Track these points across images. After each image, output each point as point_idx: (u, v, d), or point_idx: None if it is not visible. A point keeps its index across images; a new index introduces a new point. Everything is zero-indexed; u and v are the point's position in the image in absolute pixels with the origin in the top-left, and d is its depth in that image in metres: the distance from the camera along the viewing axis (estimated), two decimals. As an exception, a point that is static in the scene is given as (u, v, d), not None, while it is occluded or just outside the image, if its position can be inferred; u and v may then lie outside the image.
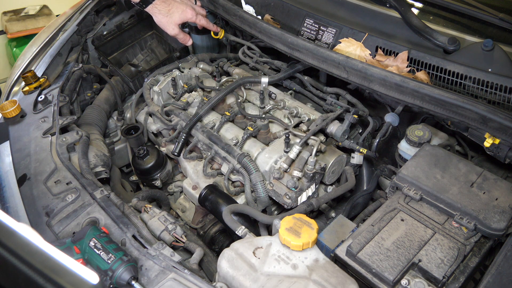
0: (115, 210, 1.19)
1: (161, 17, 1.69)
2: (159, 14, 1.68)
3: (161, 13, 1.67)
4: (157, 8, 1.67)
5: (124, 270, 0.96)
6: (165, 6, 1.67)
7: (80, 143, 1.43)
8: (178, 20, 1.69)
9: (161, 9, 1.67)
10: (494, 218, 1.07)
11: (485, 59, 1.31)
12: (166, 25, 1.71)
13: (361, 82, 1.40)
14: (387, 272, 1.01)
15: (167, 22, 1.70)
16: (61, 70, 1.77)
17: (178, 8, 1.69)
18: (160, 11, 1.67)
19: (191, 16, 1.70)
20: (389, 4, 1.50)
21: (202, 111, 1.56)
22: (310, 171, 1.34)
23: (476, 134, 1.26)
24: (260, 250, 1.03)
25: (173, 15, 1.68)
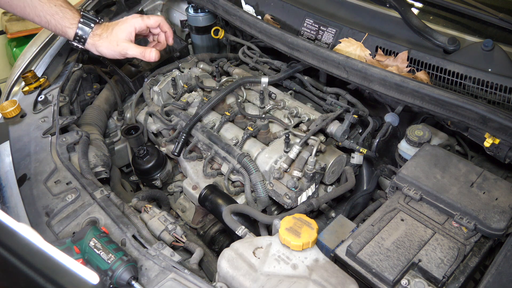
0: (115, 210, 1.19)
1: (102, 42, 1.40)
2: (100, 40, 1.41)
3: (101, 38, 1.41)
4: (97, 35, 1.41)
5: (124, 270, 0.96)
6: (105, 29, 1.42)
7: (80, 143, 1.43)
8: (122, 34, 1.42)
9: (101, 33, 1.41)
10: (494, 218, 1.07)
11: (485, 59, 1.31)
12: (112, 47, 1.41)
13: (361, 82, 1.40)
14: (387, 272, 1.01)
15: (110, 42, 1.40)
16: (61, 70, 1.77)
17: (118, 23, 1.44)
18: (101, 36, 1.41)
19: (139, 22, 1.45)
20: (389, 4, 1.49)
21: (202, 111, 1.56)
22: (310, 171, 1.34)
23: (476, 134, 1.26)
24: (260, 250, 1.03)
25: (113, 32, 1.42)
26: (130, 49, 1.43)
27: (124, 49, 1.42)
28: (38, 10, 1.33)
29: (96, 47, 1.42)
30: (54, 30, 1.39)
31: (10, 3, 1.34)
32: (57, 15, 1.35)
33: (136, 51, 1.44)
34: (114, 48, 1.42)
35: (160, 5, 2.24)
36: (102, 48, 1.42)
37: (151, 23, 1.49)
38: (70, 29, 1.38)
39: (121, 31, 1.42)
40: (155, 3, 2.22)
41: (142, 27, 1.47)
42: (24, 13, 1.35)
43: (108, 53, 1.44)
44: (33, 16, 1.34)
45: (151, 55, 1.46)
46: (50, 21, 1.35)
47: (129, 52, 1.43)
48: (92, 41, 1.41)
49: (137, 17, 1.46)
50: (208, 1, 1.80)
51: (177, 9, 2.24)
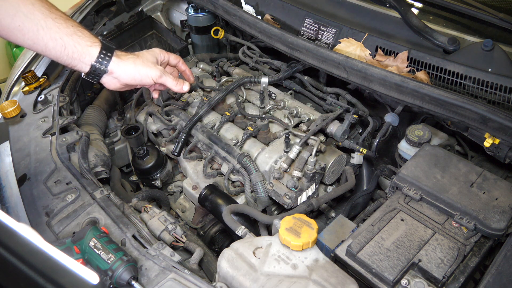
0: (115, 210, 1.19)
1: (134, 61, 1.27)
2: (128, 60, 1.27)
3: (129, 58, 1.27)
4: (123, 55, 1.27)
5: (124, 270, 0.96)
6: (127, 53, 1.30)
7: (80, 143, 1.43)
8: (152, 58, 1.32)
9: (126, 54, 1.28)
10: (494, 218, 1.07)
11: (485, 59, 1.31)
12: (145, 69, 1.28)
13: (361, 82, 1.40)
14: (387, 272, 1.01)
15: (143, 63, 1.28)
16: (61, 70, 1.77)
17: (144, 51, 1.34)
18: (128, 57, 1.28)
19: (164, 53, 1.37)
20: (389, 4, 1.49)
21: (202, 111, 1.56)
22: (310, 171, 1.34)
23: (476, 134, 1.26)
24: (260, 250, 1.03)
25: (143, 56, 1.31)
26: (166, 74, 1.33)
27: (161, 71, 1.31)
28: (54, 32, 1.17)
29: (123, 66, 1.25)
30: (72, 54, 1.20)
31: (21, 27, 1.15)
32: (76, 34, 1.20)
33: (170, 78, 1.34)
34: (149, 69, 1.29)
35: (160, 5, 2.24)
36: (132, 67, 1.27)
37: (171, 59, 1.42)
38: (92, 47, 1.22)
39: (151, 56, 1.33)
40: (155, 3, 2.23)
41: (164, 60, 1.39)
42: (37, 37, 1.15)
43: (137, 73, 1.28)
44: (48, 40, 1.17)
45: (184, 86, 1.39)
46: (68, 42, 1.19)
47: (164, 76, 1.32)
48: (118, 60, 1.25)
49: (161, 49, 1.39)
50: (208, 1, 1.80)
51: (177, 9, 2.24)
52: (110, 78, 1.28)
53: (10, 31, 1.17)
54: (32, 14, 1.16)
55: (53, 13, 1.19)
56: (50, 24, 1.17)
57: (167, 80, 1.34)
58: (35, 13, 1.16)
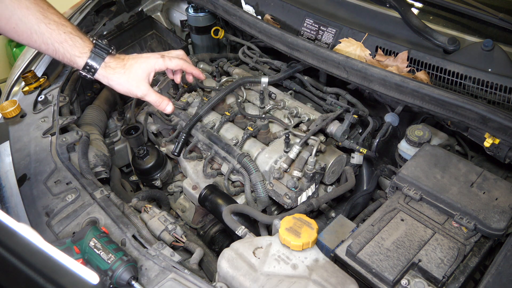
0: (115, 210, 1.19)
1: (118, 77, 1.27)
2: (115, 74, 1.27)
3: (116, 72, 1.27)
4: (110, 67, 1.26)
5: (124, 270, 0.96)
6: (119, 62, 1.28)
7: (80, 143, 1.43)
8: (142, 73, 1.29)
9: (115, 67, 1.27)
10: (494, 218, 1.07)
11: (485, 59, 1.31)
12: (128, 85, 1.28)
13: (361, 82, 1.40)
14: (387, 272, 1.01)
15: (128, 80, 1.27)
16: (61, 70, 1.77)
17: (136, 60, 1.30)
18: (115, 70, 1.27)
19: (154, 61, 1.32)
20: (389, 4, 1.49)
21: (202, 111, 1.56)
22: (310, 171, 1.34)
23: (476, 134, 1.26)
24: (260, 250, 1.03)
25: (132, 69, 1.28)
26: (149, 95, 1.32)
27: (144, 93, 1.30)
28: (46, 38, 1.21)
29: (108, 80, 1.28)
30: (62, 59, 1.25)
31: (16, 29, 1.20)
32: (66, 43, 1.23)
33: (154, 98, 1.33)
34: (131, 88, 1.29)
35: (160, 5, 2.24)
36: (115, 84, 1.29)
37: (172, 66, 1.38)
38: (80, 58, 1.24)
39: (142, 71, 1.30)
40: (155, 3, 2.23)
41: (162, 69, 1.36)
42: (31, 40, 1.22)
43: (121, 89, 1.30)
44: (40, 44, 1.22)
45: (167, 108, 1.37)
46: (58, 49, 1.23)
47: (147, 97, 1.32)
48: (104, 73, 1.27)
49: (159, 58, 1.34)
50: (208, 1, 1.80)
51: (177, 9, 2.24)
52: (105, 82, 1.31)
53: (6, 31, 1.22)
54: (26, 18, 1.19)
55: (47, 17, 1.21)
56: (42, 29, 1.21)
57: (151, 100, 1.33)
58: (29, 18, 1.19)
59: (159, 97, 1.34)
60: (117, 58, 1.29)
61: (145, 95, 1.31)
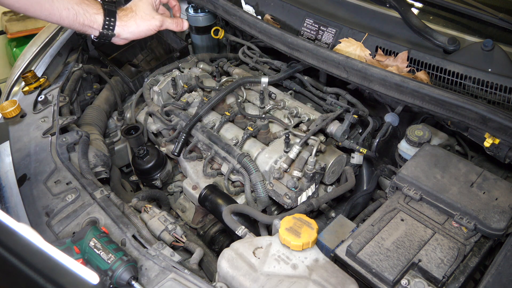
0: (115, 210, 1.19)
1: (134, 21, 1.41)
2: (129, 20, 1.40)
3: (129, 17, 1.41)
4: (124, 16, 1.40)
5: (124, 270, 0.96)
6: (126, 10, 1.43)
7: (80, 143, 1.43)
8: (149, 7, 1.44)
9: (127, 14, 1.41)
10: (494, 218, 1.07)
11: (485, 59, 1.31)
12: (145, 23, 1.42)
13: (361, 82, 1.40)
14: (387, 272, 1.01)
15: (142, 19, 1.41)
16: (61, 70, 1.77)
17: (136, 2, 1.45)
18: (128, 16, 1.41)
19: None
20: (389, 4, 1.50)
21: (202, 111, 1.56)
22: (310, 171, 1.34)
23: (476, 134, 1.26)
24: (260, 250, 1.03)
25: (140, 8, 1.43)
26: (166, 20, 1.47)
27: (161, 21, 1.44)
28: (66, 2, 1.30)
29: (127, 28, 1.40)
30: (83, 21, 1.35)
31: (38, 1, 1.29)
32: (83, 3, 1.34)
33: (170, 22, 1.49)
34: (149, 23, 1.42)
35: (160, 5, 2.24)
36: (134, 27, 1.41)
37: None
38: (98, 15, 1.36)
39: (146, 5, 1.43)
40: (155, 3, 2.22)
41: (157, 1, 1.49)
42: (52, 8, 1.30)
43: (141, 30, 1.42)
44: (62, 10, 1.30)
45: (184, 24, 1.55)
46: (79, 11, 1.32)
47: (165, 23, 1.46)
48: (122, 23, 1.38)
49: None
50: (208, 1, 1.80)
51: (177, 9, 2.24)
52: (118, 39, 1.44)
53: (29, 3, 1.29)
54: None
55: None
56: None
57: (168, 25, 1.50)
58: None
59: (174, 20, 1.52)
60: (122, 9, 1.43)
61: (163, 22, 1.47)
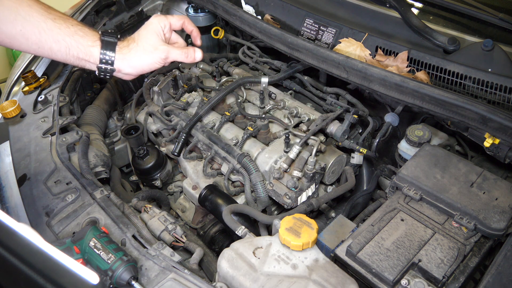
0: (115, 210, 1.19)
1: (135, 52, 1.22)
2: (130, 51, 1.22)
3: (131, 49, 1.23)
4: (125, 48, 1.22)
5: (124, 270, 0.96)
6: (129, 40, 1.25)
7: (80, 143, 1.43)
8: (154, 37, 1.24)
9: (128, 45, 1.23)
10: (494, 218, 1.07)
11: (485, 59, 1.31)
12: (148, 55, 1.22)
13: (361, 82, 1.40)
14: (387, 272, 1.01)
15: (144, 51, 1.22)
16: (61, 70, 1.77)
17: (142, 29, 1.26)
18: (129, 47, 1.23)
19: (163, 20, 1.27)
20: (389, 4, 1.49)
21: (202, 111, 1.56)
22: (310, 171, 1.34)
23: (476, 134, 1.26)
24: (260, 250, 1.03)
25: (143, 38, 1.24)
26: (171, 51, 1.24)
27: (165, 52, 1.23)
28: (55, 33, 1.14)
29: (128, 61, 1.21)
30: (77, 54, 1.18)
31: (23, 32, 1.11)
32: (77, 34, 1.16)
33: (178, 53, 1.25)
34: (152, 55, 1.21)
35: (160, 5, 2.24)
36: (136, 60, 1.21)
37: (174, 21, 1.30)
38: (94, 47, 1.18)
39: (150, 34, 1.24)
40: (155, 3, 2.22)
41: (166, 26, 1.27)
42: (40, 41, 1.14)
43: (143, 64, 1.23)
44: (51, 43, 1.14)
45: (196, 55, 1.29)
46: (71, 43, 1.15)
47: (170, 55, 1.24)
48: (121, 56, 1.20)
49: (159, 16, 1.28)
50: (208, 1, 1.80)
51: (177, 9, 2.24)
52: (121, 75, 1.26)
53: (13, 37, 1.13)
54: (31, 16, 1.12)
55: (51, 13, 1.16)
56: (50, 26, 1.14)
57: (176, 57, 1.26)
58: (34, 15, 1.13)
59: (183, 50, 1.27)
60: (124, 40, 1.24)
61: (169, 53, 1.24)
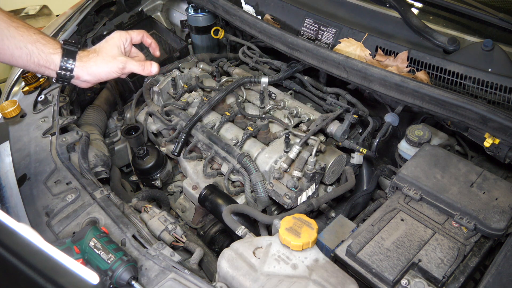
0: (115, 210, 1.19)
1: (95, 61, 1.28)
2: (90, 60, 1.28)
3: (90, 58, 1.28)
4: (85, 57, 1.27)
5: (124, 270, 0.96)
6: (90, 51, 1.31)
7: (80, 143, 1.43)
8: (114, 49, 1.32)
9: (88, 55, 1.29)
10: (494, 218, 1.07)
11: (485, 59, 1.31)
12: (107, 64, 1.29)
13: (361, 82, 1.40)
14: (387, 272, 1.01)
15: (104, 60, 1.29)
16: (61, 70, 1.76)
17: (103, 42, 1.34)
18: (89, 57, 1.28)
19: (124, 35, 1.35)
20: (389, 4, 1.50)
21: (202, 111, 1.56)
22: (310, 171, 1.34)
23: (476, 134, 1.26)
24: (260, 250, 1.03)
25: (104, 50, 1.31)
26: (129, 62, 1.33)
27: (123, 63, 1.31)
28: (18, 40, 1.18)
29: (87, 69, 1.27)
30: (38, 61, 1.22)
31: None
32: (39, 42, 1.21)
33: (135, 65, 1.34)
34: (110, 64, 1.29)
35: (160, 5, 2.24)
36: (95, 68, 1.28)
37: (134, 35, 1.39)
38: (55, 55, 1.23)
39: (111, 47, 1.32)
40: (155, 3, 2.23)
41: (128, 40, 1.37)
42: (2, 48, 1.17)
43: (101, 72, 1.29)
44: (13, 50, 1.18)
45: (152, 68, 1.38)
46: (33, 50, 1.20)
47: (128, 65, 1.32)
48: (81, 64, 1.26)
49: (120, 31, 1.37)
50: (208, 1, 1.80)
51: (177, 9, 2.24)
52: (79, 82, 1.31)
53: None
54: None
55: (15, 22, 1.20)
56: (13, 33, 1.18)
57: (132, 68, 1.34)
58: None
59: (140, 63, 1.35)
60: (85, 50, 1.30)
61: (126, 64, 1.32)
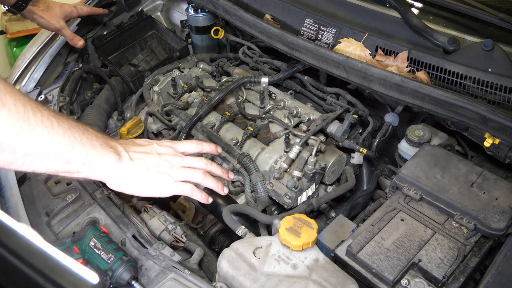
0: (115, 210, 1.19)
1: (42, 11, 1.67)
2: (39, 11, 1.66)
3: (39, 9, 1.66)
4: (37, 6, 1.65)
5: (124, 270, 0.96)
6: (43, 3, 1.67)
7: (80, 143, 1.42)
8: (60, 14, 1.70)
9: (40, 5, 1.66)
10: (494, 218, 1.07)
11: (485, 59, 1.31)
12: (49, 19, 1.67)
13: (361, 82, 1.40)
14: (387, 272, 1.01)
15: (49, 15, 1.67)
16: (61, 70, 1.77)
17: (56, 4, 1.71)
18: (39, 8, 1.66)
19: (70, 9, 1.74)
20: (389, 4, 1.50)
21: (202, 111, 1.56)
22: (310, 171, 1.34)
23: (476, 134, 1.26)
24: (260, 250, 1.03)
25: (54, 9, 1.69)
26: (65, 29, 1.71)
27: (61, 26, 1.68)
28: None
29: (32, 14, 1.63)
30: None
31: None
32: None
33: (68, 33, 1.72)
34: (51, 21, 1.67)
35: (160, 5, 2.24)
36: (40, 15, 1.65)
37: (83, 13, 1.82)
38: None
39: (61, 12, 1.69)
40: (155, 3, 2.22)
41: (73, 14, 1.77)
42: None
43: (42, 21, 1.67)
44: None
45: (78, 42, 1.75)
46: None
47: (63, 31, 1.70)
48: (31, 8, 1.62)
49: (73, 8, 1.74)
50: (208, 1, 1.80)
51: (177, 9, 2.24)
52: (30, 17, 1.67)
53: None
54: None
55: None
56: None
57: (65, 33, 1.72)
58: None
59: (72, 34, 1.73)
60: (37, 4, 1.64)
61: (62, 28, 1.70)
